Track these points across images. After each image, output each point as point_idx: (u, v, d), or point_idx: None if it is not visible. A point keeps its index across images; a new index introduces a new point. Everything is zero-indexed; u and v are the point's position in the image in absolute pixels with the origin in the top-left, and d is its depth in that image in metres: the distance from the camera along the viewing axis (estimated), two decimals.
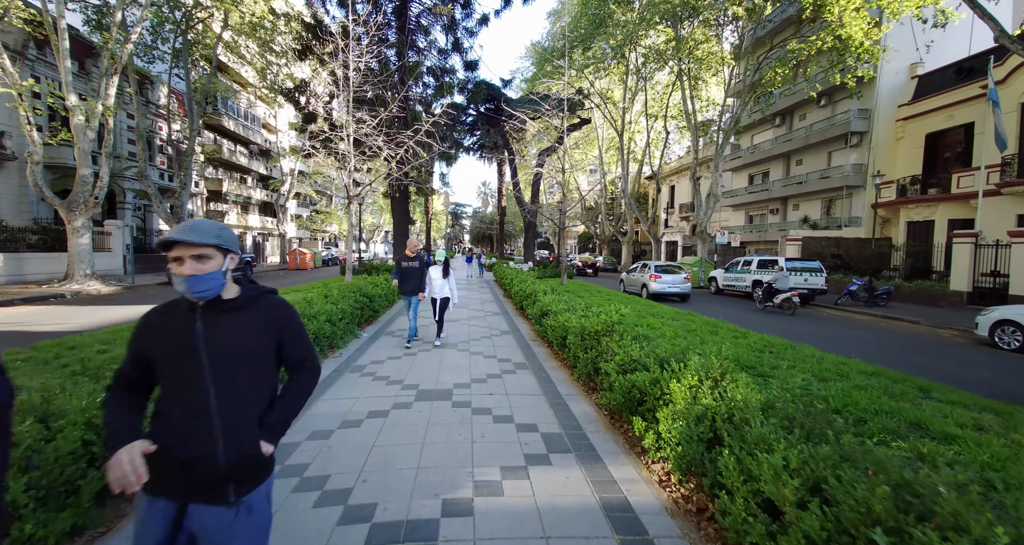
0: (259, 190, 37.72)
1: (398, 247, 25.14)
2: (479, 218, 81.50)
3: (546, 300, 7.32)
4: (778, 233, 24.31)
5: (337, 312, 6.41)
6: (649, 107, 28.01)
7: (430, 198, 46.05)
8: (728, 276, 16.80)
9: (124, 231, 19.72)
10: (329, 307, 6.29)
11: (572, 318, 5.66)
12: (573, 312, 6.17)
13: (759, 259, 15.41)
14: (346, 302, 7.10)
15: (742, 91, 20.21)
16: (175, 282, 1.31)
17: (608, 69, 24.46)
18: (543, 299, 7.57)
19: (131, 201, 23.03)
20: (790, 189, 23.91)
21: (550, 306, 6.97)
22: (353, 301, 7.44)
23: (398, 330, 7.96)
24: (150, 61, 20.42)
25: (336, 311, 6.38)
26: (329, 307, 6.29)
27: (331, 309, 6.27)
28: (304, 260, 29.73)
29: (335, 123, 15.53)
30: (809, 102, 23.51)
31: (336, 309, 6.42)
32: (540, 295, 8.16)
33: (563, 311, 6.37)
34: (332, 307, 6.42)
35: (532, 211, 22.93)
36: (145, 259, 21.51)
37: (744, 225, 28.82)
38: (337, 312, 6.41)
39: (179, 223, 11.91)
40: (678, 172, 37.98)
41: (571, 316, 5.78)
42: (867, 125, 20.37)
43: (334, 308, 6.44)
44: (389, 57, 22.69)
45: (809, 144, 22.71)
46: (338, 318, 6.34)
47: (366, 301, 7.92)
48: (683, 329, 7.35)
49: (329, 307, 6.29)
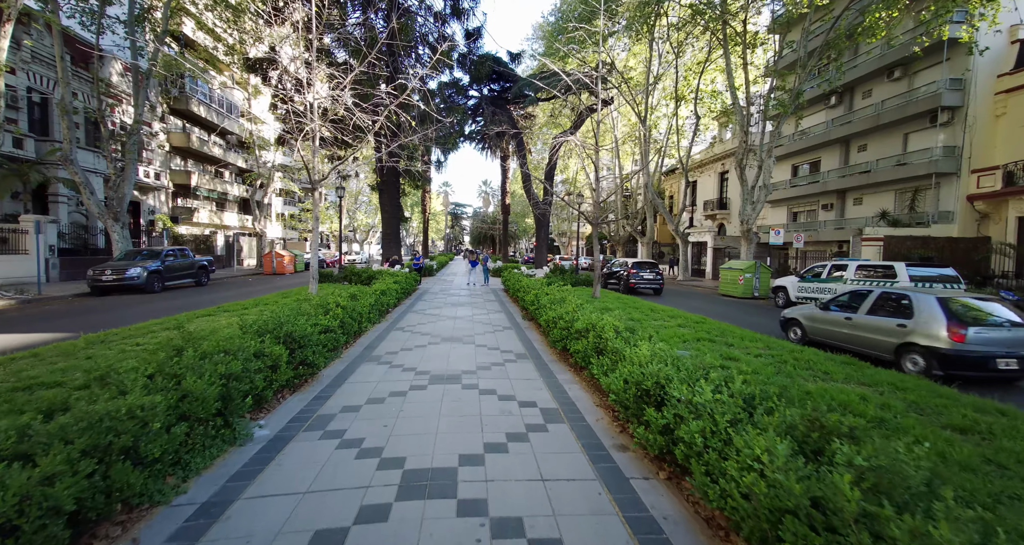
0: (237, 185, 33.98)
1: (387, 245, 21.36)
2: (480, 218, 77.76)
3: (641, 355, 3.53)
4: (835, 232, 20.57)
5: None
6: (676, 89, 24.29)
7: (428, 195, 42.32)
8: (807, 287, 13.03)
9: (46, 229, 15.94)
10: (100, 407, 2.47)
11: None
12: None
13: (857, 264, 11.66)
14: (204, 369, 3.28)
15: (800, 61, 16.48)
16: None
17: (639, 33, 20.63)
18: (632, 353, 3.78)
19: (66, 194, 19.25)
20: (851, 180, 20.17)
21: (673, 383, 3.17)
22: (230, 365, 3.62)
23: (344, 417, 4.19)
24: (99, 32, 16.47)
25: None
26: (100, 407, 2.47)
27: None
28: (282, 263, 25.93)
29: (300, 81, 11.81)
30: (876, 76, 19.80)
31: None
32: (616, 341, 4.38)
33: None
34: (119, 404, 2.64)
35: (546, 204, 19.14)
36: (82, 263, 17.66)
37: (787, 223, 25.06)
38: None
39: (116, 219, 6.50)
40: (702, 165, 34.28)
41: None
42: (961, 99, 16.65)
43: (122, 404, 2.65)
44: (374, 21, 19.01)
45: (879, 125, 18.96)
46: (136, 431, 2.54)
47: (275, 356, 4.07)
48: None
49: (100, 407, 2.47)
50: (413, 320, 9.28)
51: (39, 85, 19.23)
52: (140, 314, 9.86)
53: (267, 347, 3.96)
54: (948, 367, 5.43)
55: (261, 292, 14.70)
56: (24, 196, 17.98)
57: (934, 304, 5.76)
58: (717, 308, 13.74)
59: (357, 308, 7.20)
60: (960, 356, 5.35)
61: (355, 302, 7.42)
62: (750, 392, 2.72)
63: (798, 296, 13.37)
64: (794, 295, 13.54)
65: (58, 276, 16.85)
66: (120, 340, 6.24)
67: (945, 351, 5.41)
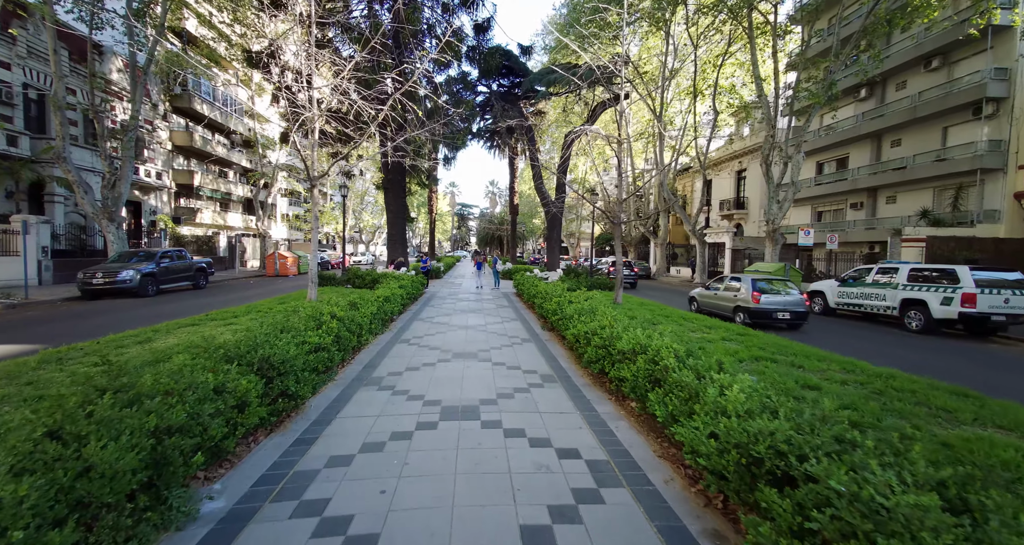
0: (242, 186, 33.39)
1: (393, 247, 20.51)
2: (487, 219, 76.88)
3: (734, 401, 2.57)
4: (866, 232, 19.38)
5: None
6: (694, 83, 23.21)
7: (434, 195, 41.56)
8: (849, 292, 11.93)
9: (37, 229, 15.27)
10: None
11: None
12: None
13: (910, 268, 10.55)
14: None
15: (834, 49, 15.37)
16: None
17: (657, 21, 19.58)
18: (714, 395, 2.82)
19: (63, 193, 18.62)
20: (884, 177, 18.98)
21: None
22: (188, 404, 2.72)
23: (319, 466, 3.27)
24: (92, 21, 15.72)
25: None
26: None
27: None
28: (285, 265, 25.20)
29: (300, 72, 10.96)
30: (911, 66, 18.60)
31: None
32: (684, 374, 3.43)
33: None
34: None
35: (559, 202, 18.16)
36: (78, 265, 16.96)
37: (811, 223, 23.85)
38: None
39: (111, 219, 5.53)
40: (718, 164, 33.13)
41: None
42: (1007, 90, 15.44)
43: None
44: (380, 13, 18.18)
45: (915, 118, 17.77)
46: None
47: (241, 391, 3.15)
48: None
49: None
50: (420, 330, 8.37)
51: (36, 81, 18.62)
52: (125, 321, 9.05)
53: (231, 380, 3.05)
54: (752, 317, 9.75)
55: (259, 296, 13.89)
56: (17, 195, 17.36)
57: (749, 282, 10.13)
58: None
59: (356, 319, 6.29)
60: (758, 310, 9.71)
61: (355, 311, 6.52)
62: (942, 477, 1.75)
63: (838, 302, 12.28)
64: (833, 301, 12.44)
65: (51, 279, 16.18)
66: (81, 356, 5.38)
67: (751, 308, 9.79)
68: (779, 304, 9.68)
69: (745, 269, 17.37)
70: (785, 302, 9.73)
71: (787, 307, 9.68)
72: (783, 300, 9.74)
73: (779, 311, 9.61)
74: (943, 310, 9.57)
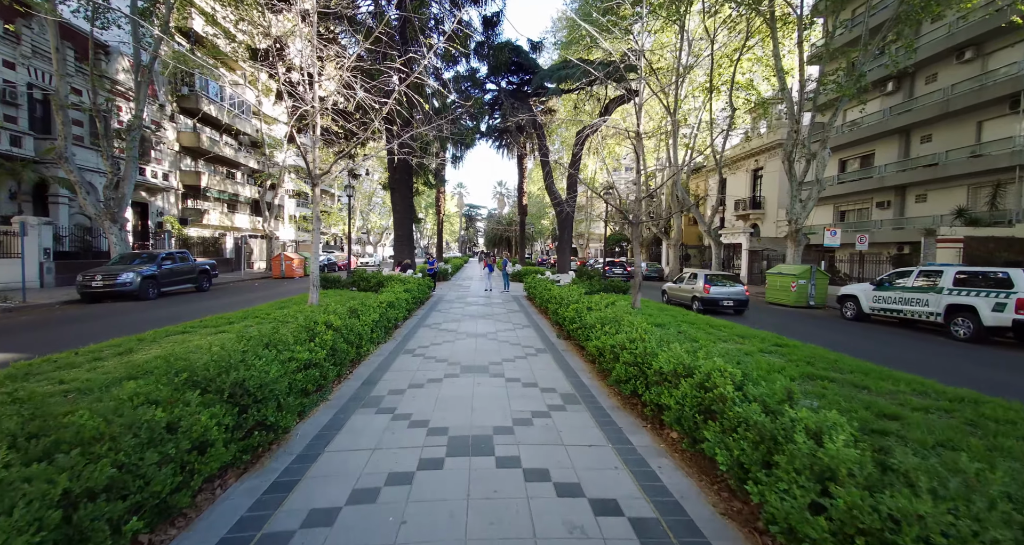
0: (249, 187, 33.21)
1: (400, 248, 19.98)
2: (495, 220, 76.31)
3: (847, 459, 1.92)
4: (894, 232, 18.44)
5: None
6: (711, 79, 22.41)
7: (442, 196, 41.09)
8: (886, 296, 11.11)
9: (38, 231, 14.99)
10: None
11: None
12: None
13: (956, 271, 9.73)
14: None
15: (863, 39, 14.54)
16: None
17: (671, 13, 18.84)
18: (805, 444, 2.18)
19: (67, 194, 18.39)
20: (914, 174, 18.02)
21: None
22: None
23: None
24: (103, 26, 15.40)
25: None
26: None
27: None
28: (291, 267, 24.83)
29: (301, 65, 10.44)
30: (943, 58, 17.65)
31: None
32: (748, 408, 2.78)
33: None
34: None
35: (571, 201, 17.51)
36: (81, 267, 16.66)
37: (834, 223, 22.89)
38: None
39: (114, 220, 5.00)
40: (733, 162, 32.19)
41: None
42: None
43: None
44: (386, 8, 17.69)
45: (948, 113, 16.82)
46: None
47: (199, 430, 2.56)
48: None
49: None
50: (426, 338, 7.78)
51: (41, 81, 18.43)
52: (119, 327, 8.60)
53: (188, 415, 2.46)
54: (704, 304, 12.43)
55: (261, 300, 13.44)
56: (20, 197, 17.14)
57: (702, 276, 12.81)
58: (771, 319, 11.93)
59: (356, 328, 5.71)
60: (707, 299, 12.42)
61: (354, 320, 5.94)
62: None
63: (873, 307, 11.46)
64: (867, 306, 11.62)
65: (53, 281, 15.92)
66: (52, 371, 4.85)
67: (702, 297, 12.47)
68: (724, 294, 12.47)
69: (767, 271, 16.55)
70: (729, 293, 12.54)
71: (730, 296, 12.49)
72: (727, 291, 12.56)
73: (724, 299, 12.44)
74: (995, 317, 8.77)
